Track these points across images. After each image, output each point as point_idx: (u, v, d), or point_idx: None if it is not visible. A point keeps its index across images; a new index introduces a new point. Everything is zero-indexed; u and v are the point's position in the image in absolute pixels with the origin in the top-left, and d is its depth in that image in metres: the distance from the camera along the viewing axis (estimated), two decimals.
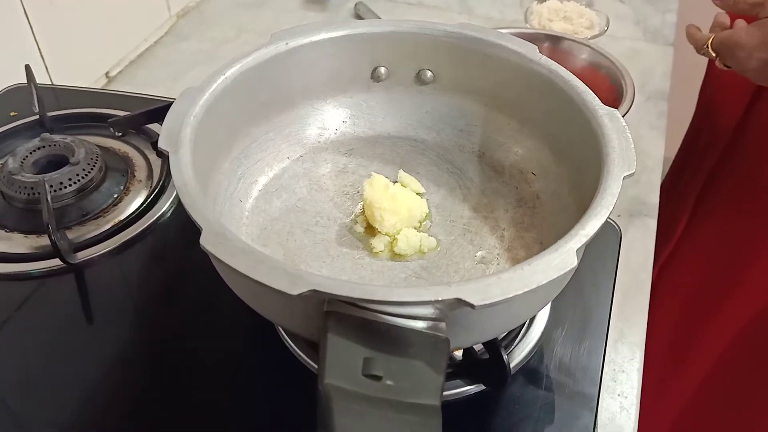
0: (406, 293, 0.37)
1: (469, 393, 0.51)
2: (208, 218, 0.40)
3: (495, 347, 0.47)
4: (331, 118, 0.61)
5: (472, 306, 0.36)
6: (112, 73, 0.97)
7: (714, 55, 0.77)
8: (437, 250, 0.53)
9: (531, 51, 0.56)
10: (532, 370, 0.53)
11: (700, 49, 0.79)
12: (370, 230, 0.54)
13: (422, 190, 0.57)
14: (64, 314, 0.57)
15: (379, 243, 0.52)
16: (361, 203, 0.55)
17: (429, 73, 0.60)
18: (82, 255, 0.59)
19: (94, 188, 0.63)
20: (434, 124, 0.62)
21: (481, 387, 0.51)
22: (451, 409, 0.50)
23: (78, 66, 0.91)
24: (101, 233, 0.61)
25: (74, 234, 0.60)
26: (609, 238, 0.64)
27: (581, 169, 0.51)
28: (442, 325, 0.39)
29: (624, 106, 0.77)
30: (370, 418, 0.33)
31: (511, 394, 0.52)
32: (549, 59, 0.55)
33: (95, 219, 0.62)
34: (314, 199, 0.57)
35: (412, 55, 0.60)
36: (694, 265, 1.04)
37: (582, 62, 0.85)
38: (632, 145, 0.47)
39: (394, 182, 0.56)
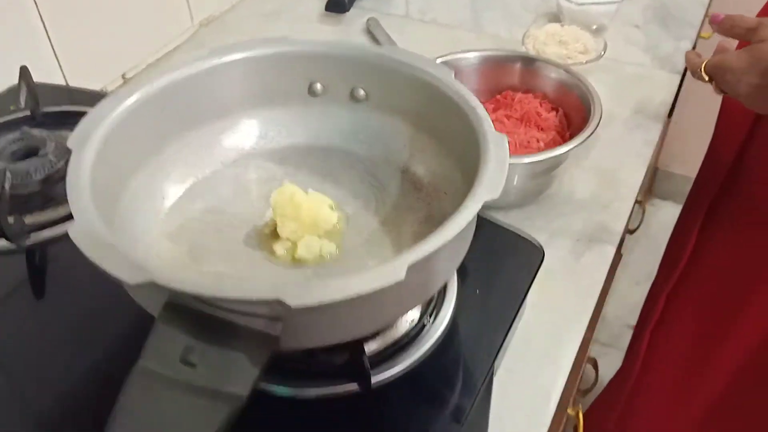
0: (232, 290, 0.41)
1: (352, 392, 0.54)
2: (85, 213, 0.45)
3: (357, 351, 0.50)
4: (268, 127, 0.65)
5: (288, 307, 0.40)
6: (129, 75, 1.05)
7: (707, 79, 0.77)
8: (335, 256, 0.56)
9: (446, 75, 0.58)
10: (415, 377, 0.55)
11: (695, 73, 0.79)
12: (276, 234, 0.57)
13: (329, 202, 0.60)
14: (16, 292, 0.63)
15: (280, 247, 0.56)
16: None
17: (362, 92, 0.64)
18: (37, 237, 0.65)
19: (60, 178, 0.69)
20: (366, 138, 0.65)
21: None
22: (331, 405, 0.54)
23: (94, 66, 0.99)
24: (59, 217, 0.67)
25: (33, 218, 0.67)
26: (529, 257, 0.66)
27: None
28: (278, 324, 0.43)
29: (589, 128, 0.78)
30: (159, 398, 0.37)
31: (386, 398, 0.54)
32: (461, 84, 0.58)
33: (56, 206, 0.68)
34: (235, 201, 0.61)
35: (345, 75, 0.63)
36: (703, 291, 1.03)
37: (555, 83, 0.86)
38: (504, 174, 0.49)
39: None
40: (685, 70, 1.02)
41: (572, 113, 0.87)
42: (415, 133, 0.63)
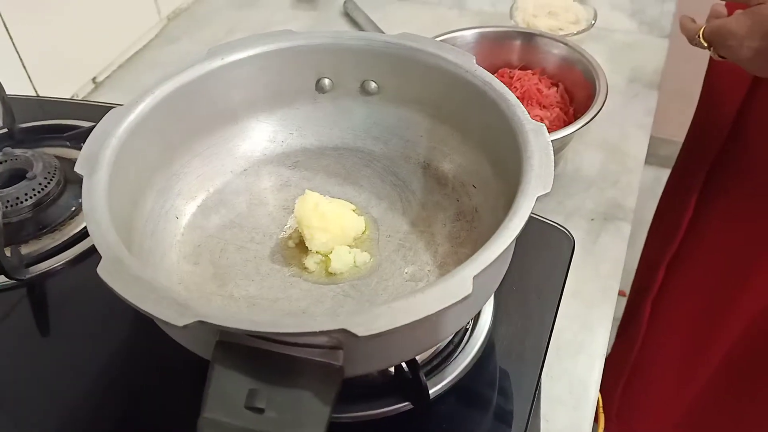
0: (292, 325, 0.37)
1: (399, 411, 0.51)
2: (111, 246, 0.41)
3: (414, 369, 0.47)
4: (277, 131, 0.61)
5: (356, 337, 0.36)
6: (100, 78, 0.99)
7: (706, 45, 0.75)
8: (371, 266, 0.53)
9: (468, 62, 0.55)
10: (465, 388, 0.53)
11: (693, 39, 0.77)
12: (302, 246, 0.54)
13: (352, 206, 0.56)
14: (16, 330, 0.58)
15: (311, 262, 0.53)
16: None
17: (373, 84, 0.60)
18: (36, 269, 0.60)
19: (52, 202, 0.64)
20: (381, 134, 0.62)
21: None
22: (377, 426, 0.51)
23: (63, 74, 0.93)
24: (56, 246, 0.62)
25: (29, 248, 0.62)
26: (561, 247, 0.63)
27: (513, 184, 0.50)
28: (339, 353, 0.39)
29: (596, 104, 0.76)
30: None
31: (442, 412, 0.51)
32: (484, 71, 0.54)
33: (51, 233, 0.63)
34: (253, 214, 0.57)
35: (354, 67, 0.59)
36: (703, 259, 1.03)
37: (556, 59, 0.84)
38: (552, 164, 0.46)
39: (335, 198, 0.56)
40: None
41: (574, 88, 0.84)
42: (433, 125, 0.60)
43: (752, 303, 0.96)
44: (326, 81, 0.60)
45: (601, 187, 0.83)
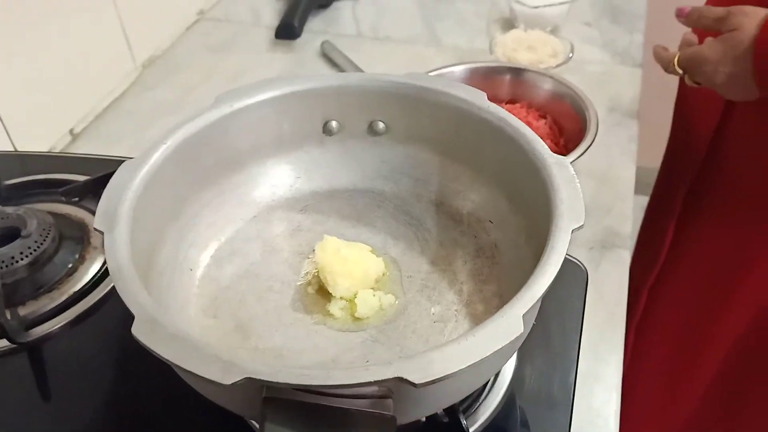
0: (344, 377, 0.36)
1: None
2: (142, 303, 0.39)
3: (453, 413, 0.46)
4: (285, 175, 0.60)
5: (414, 385, 0.35)
6: (77, 130, 0.96)
7: (681, 72, 0.77)
8: (396, 309, 0.52)
9: (479, 98, 0.55)
10: (498, 427, 0.52)
11: (668, 67, 0.79)
12: (323, 291, 0.52)
13: (368, 248, 0.55)
14: (19, 396, 0.55)
15: (335, 308, 0.51)
16: (314, 263, 0.54)
17: (381, 124, 0.60)
18: (36, 331, 0.57)
19: (48, 260, 0.61)
20: (391, 174, 0.61)
21: None
22: None
23: (40, 126, 0.90)
24: (55, 306, 0.59)
25: (28, 309, 0.59)
26: (575, 278, 0.63)
27: (535, 218, 0.50)
28: (389, 402, 0.38)
29: (589, 135, 0.77)
30: None
31: None
32: (498, 106, 0.54)
33: (49, 292, 0.60)
34: (267, 262, 0.55)
35: (362, 108, 0.59)
36: (685, 281, 1.04)
37: (546, 93, 0.85)
38: (581, 196, 0.46)
39: (350, 241, 0.55)
40: None
41: (562, 120, 0.85)
42: (444, 163, 0.60)
43: (734, 321, 0.98)
44: (333, 123, 0.60)
45: (595, 215, 0.83)
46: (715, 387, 1.06)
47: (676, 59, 0.78)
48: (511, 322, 0.38)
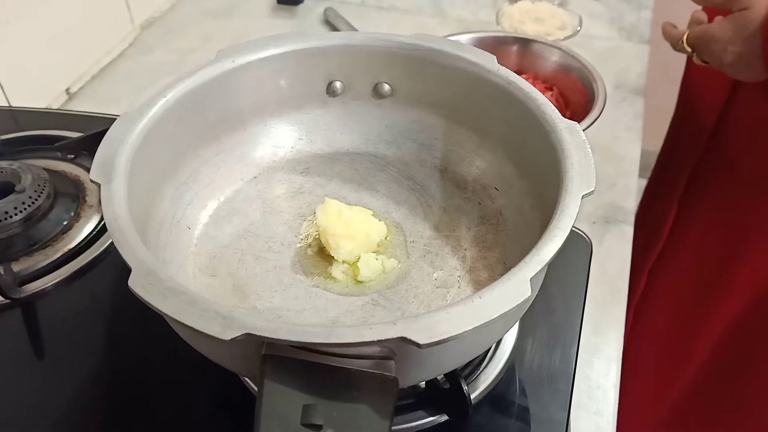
0: (348, 334, 0.35)
1: (434, 423, 0.49)
2: (139, 256, 0.38)
3: (455, 378, 0.45)
4: (287, 136, 0.59)
5: (418, 345, 0.34)
6: (73, 89, 0.94)
7: (690, 50, 0.76)
8: (398, 273, 0.51)
9: (489, 61, 0.54)
10: (499, 396, 0.51)
11: (676, 45, 0.78)
12: (324, 254, 0.51)
13: (370, 212, 0.54)
14: (12, 352, 0.54)
15: (338, 271, 0.50)
16: (316, 223, 0.53)
17: (386, 86, 0.58)
18: (30, 288, 0.56)
19: (42, 216, 0.60)
20: (394, 138, 0.60)
21: (445, 417, 0.49)
22: None
23: (36, 84, 0.89)
24: (49, 263, 0.58)
25: (21, 265, 0.57)
26: (579, 250, 0.62)
27: (543, 184, 0.49)
28: (391, 363, 0.37)
29: (596, 108, 0.76)
30: None
31: (477, 423, 0.49)
32: (508, 70, 0.53)
33: (44, 249, 0.59)
34: (267, 222, 0.54)
35: (367, 68, 0.57)
36: (685, 264, 1.03)
37: (553, 65, 0.83)
38: (592, 162, 0.44)
39: (351, 204, 0.53)
40: None
41: (568, 92, 0.84)
42: (449, 128, 0.58)
43: (732, 302, 0.97)
44: (338, 84, 0.58)
45: (598, 190, 0.82)
46: (712, 365, 1.06)
47: (684, 37, 0.76)
48: (518, 286, 0.37)
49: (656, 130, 1.13)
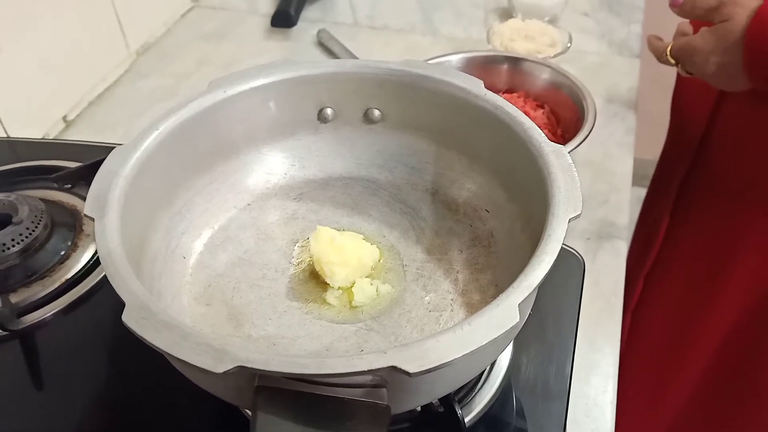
0: (339, 364, 0.35)
1: None
2: (133, 290, 0.39)
3: (448, 402, 0.45)
4: (279, 163, 0.60)
5: (408, 374, 0.35)
6: (71, 117, 0.95)
7: (674, 62, 0.77)
8: (391, 298, 0.51)
9: (476, 86, 0.54)
10: (494, 417, 0.51)
11: (661, 57, 0.79)
12: (318, 280, 0.52)
13: (361, 236, 0.54)
14: (12, 383, 0.55)
15: (332, 297, 0.51)
16: (309, 251, 0.53)
17: (377, 112, 0.59)
18: (28, 319, 0.57)
19: (40, 247, 0.61)
20: (385, 162, 0.60)
21: None
22: None
23: (33, 113, 0.89)
24: (48, 294, 0.59)
25: (19, 297, 0.58)
26: (572, 267, 0.63)
27: (532, 206, 0.49)
28: (383, 391, 0.38)
29: (587, 125, 0.76)
30: None
31: None
32: (495, 95, 0.54)
33: (41, 279, 0.60)
34: (261, 250, 0.55)
35: (357, 95, 0.58)
36: (679, 272, 1.04)
37: (543, 83, 0.84)
38: (578, 185, 0.45)
39: (344, 229, 0.54)
40: None
41: (559, 110, 0.84)
42: (439, 151, 0.59)
43: (728, 308, 0.98)
44: (328, 110, 0.59)
45: (591, 206, 0.83)
46: (710, 373, 1.06)
47: (668, 49, 0.78)
48: (507, 311, 0.38)
49: (652, 138, 1.14)
